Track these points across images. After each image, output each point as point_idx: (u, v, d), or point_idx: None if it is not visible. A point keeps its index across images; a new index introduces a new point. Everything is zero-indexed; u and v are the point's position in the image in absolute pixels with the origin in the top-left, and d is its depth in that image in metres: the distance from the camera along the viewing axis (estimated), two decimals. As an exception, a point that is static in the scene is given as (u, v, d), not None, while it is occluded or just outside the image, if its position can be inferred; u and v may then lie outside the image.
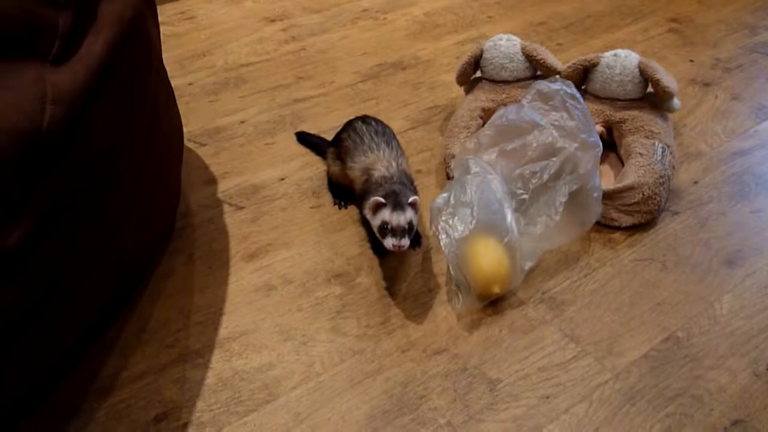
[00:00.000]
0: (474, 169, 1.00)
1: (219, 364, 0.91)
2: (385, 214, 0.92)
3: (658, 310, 0.97)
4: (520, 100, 1.10)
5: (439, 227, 0.95)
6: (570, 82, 1.05)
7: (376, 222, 0.94)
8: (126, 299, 0.98)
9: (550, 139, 0.99)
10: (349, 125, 1.14)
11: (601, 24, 1.73)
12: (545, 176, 0.99)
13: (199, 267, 1.07)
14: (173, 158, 1.08)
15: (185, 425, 0.84)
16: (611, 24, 1.73)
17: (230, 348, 0.94)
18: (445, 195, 0.98)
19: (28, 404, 0.83)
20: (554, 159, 0.99)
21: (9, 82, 0.62)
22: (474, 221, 0.94)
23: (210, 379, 0.89)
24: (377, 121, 1.14)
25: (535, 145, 1.00)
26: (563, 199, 0.98)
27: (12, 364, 0.69)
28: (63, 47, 0.68)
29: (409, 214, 0.93)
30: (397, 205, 0.92)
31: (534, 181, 1.00)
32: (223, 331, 0.96)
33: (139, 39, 0.84)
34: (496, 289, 0.94)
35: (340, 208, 1.16)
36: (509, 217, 0.96)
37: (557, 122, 1.02)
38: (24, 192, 0.60)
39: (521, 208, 1.01)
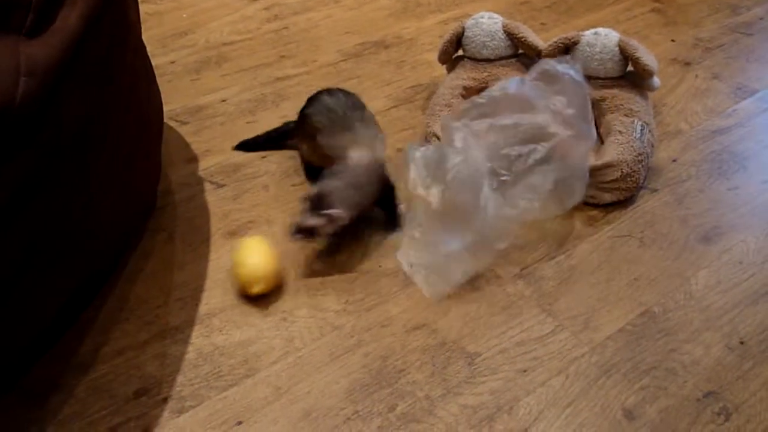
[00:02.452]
0: (458, 142, 0.99)
1: (199, 340, 0.92)
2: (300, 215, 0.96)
3: (635, 286, 0.98)
4: (512, 77, 1.09)
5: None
6: (579, 67, 1.03)
7: None
8: (105, 276, 0.98)
9: (543, 123, 0.98)
10: (315, 100, 1.11)
11: (584, 3, 1.73)
12: (530, 161, 0.98)
13: (179, 244, 1.07)
14: (153, 136, 1.07)
15: (165, 399, 0.84)
16: (594, 4, 1.73)
17: (210, 324, 0.94)
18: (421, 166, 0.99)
19: (5, 381, 0.83)
20: (544, 144, 0.98)
21: (-20, 53, 0.61)
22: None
23: (190, 354, 0.90)
24: (346, 93, 1.12)
25: (526, 125, 0.99)
26: (549, 187, 0.98)
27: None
28: (37, 20, 0.67)
29: (319, 220, 0.94)
30: (314, 208, 0.95)
31: (518, 163, 0.99)
32: (203, 308, 0.96)
33: (116, 14, 0.83)
34: (256, 290, 0.95)
35: None
36: (482, 197, 0.96)
37: (555, 107, 1.00)
38: (-5, 165, 0.60)
39: (501, 188, 1.00)
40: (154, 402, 0.84)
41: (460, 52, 1.33)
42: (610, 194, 1.09)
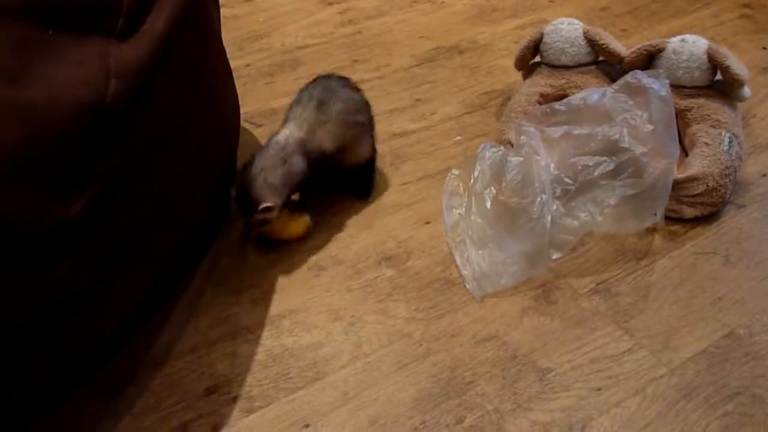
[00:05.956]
0: (524, 146, 0.98)
1: (269, 341, 0.92)
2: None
3: (719, 306, 0.93)
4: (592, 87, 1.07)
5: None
6: (667, 81, 0.99)
7: None
8: (181, 274, 1.00)
9: (617, 136, 0.95)
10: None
11: (668, 9, 1.67)
12: (596, 173, 0.95)
13: (251, 247, 1.08)
14: (231, 137, 1.09)
15: (235, 398, 0.85)
16: (679, 9, 1.66)
17: (280, 325, 0.95)
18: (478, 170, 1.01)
19: (85, 372, 0.86)
20: (614, 158, 0.95)
21: (75, 56, 0.63)
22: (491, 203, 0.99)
23: (260, 355, 0.91)
24: (341, 80, 1.10)
25: (599, 138, 0.96)
26: (613, 202, 0.94)
27: (72, 332, 0.72)
28: (127, 23, 0.69)
29: (258, 217, 0.98)
30: (245, 209, 0.98)
31: (583, 174, 0.96)
32: (273, 309, 0.97)
33: (200, 17, 0.85)
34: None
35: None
36: (538, 204, 0.94)
37: (634, 121, 0.97)
38: (87, 163, 0.61)
39: (564, 197, 0.98)
40: (224, 400, 0.85)
41: (538, 59, 1.31)
42: (693, 209, 1.04)
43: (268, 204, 0.96)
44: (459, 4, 1.77)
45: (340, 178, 1.12)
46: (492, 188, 0.98)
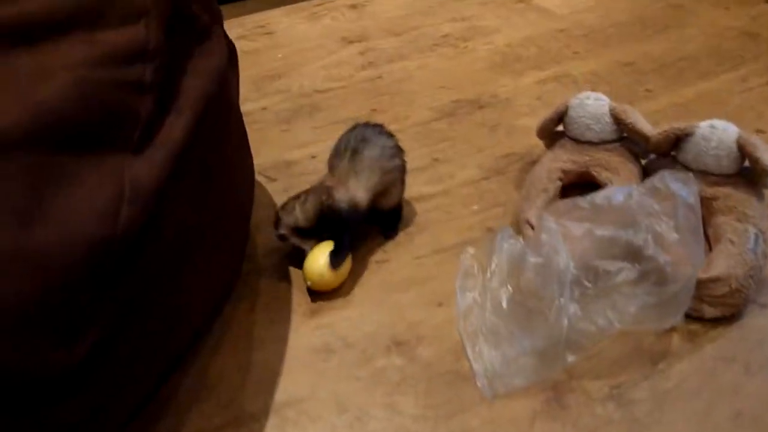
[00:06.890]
0: (545, 244, 0.95)
1: (273, 433, 0.91)
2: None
3: (738, 421, 0.90)
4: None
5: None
6: (695, 188, 0.97)
7: None
8: (185, 355, 0.98)
9: (641, 243, 0.92)
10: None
11: (695, 69, 1.63)
12: (617, 279, 0.92)
13: (260, 317, 1.06)
14: (245, 212, 1.07)
15: (236, 499, 0.84)
16: (706, 70, 1.62)
17: (285, 414, 0.93)
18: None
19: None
20: (636, 266, 0.92)
21: (86, 179, 0.60)
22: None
23: (263, 450, 0.89)
24: (375, 127, 1.15)
25: (623, 242, 0.94)
26: (633, 310, 0.91)
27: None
28: (143, 134, 0.67)
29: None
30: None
31: (604, 279, 0.93)
32: (279, 395, 0.95)
33: (220, 109, 0.83)
34: (308, 283, 1.07)
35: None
36: (555, 307, 0.91)
37: (659, 228, 0.94)
38: (92, 302, 0.59)
39: (583, 300, 0.95)
40: (224, 500, 0.84)
41: (560, 127, 1.28)
42: (714, 309, 1.01)
43: (280, 232, 1.09)
44: (481, 50, 1.74)
45: (369, 220, 1.16)
46: (508, 286, 0.96)
